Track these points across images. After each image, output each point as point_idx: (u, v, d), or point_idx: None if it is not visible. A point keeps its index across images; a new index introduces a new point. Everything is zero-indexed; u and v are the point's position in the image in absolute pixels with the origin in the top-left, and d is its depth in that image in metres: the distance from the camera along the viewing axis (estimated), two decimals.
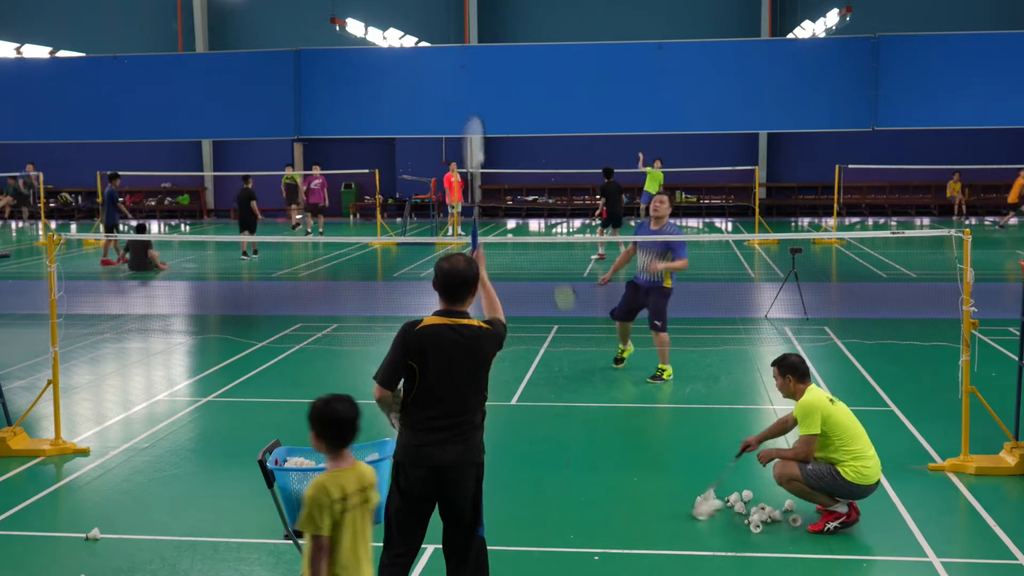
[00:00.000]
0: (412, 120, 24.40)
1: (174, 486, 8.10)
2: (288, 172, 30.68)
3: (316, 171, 28.32)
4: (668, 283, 11.06)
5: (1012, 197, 27.88)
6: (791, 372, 7.18)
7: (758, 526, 6.97)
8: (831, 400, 7.12)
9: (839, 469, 6.92)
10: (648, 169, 26.67)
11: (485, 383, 5.23)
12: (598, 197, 24.81)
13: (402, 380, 5.13)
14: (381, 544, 5.19)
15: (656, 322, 11.01)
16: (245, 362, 12.43)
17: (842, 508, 6.97)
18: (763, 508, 7.14)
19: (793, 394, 7.19)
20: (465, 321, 5.15)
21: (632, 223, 29.48)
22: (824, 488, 6.93)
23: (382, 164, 33.43)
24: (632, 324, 11.61)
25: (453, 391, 5.09)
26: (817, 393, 7.12)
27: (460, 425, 5.11)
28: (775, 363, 7.32)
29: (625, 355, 11.84)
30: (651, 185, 26.80)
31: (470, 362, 5.11)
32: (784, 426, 7.45)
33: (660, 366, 11.22)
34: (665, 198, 11.00)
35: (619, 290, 11.77)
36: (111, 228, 22.65)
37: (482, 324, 5.19)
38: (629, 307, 11.34)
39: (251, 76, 24.16)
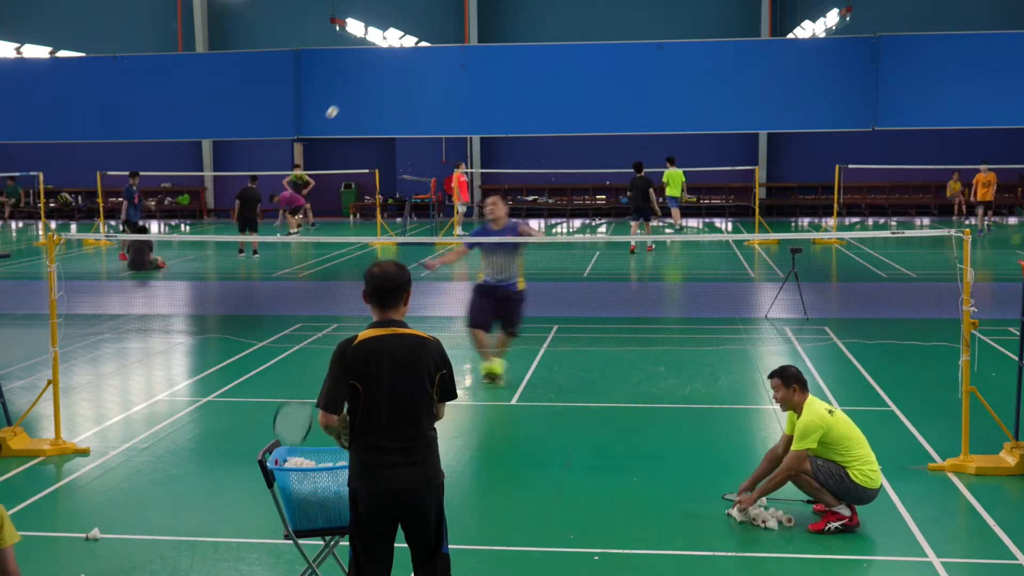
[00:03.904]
0: (412, 120, 24.38)
1: (174, 486, 8.10)
2: (296, 172, 30.71)
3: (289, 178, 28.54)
4: (522, 285, 10.88)
5: (986, 195, 27.73)
6: (796, 382, 7.12)
7: (742, 520, 6.99)
8: (830, 411, 7.10)
9: (848, 472, 6.94)
10: (666, 171, 26.69)
11: (433, 399, 4.92)
12: (628, 193, 24.91)
13: (345, 403, 4.91)
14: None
15: (515, 329, 10.86)
16: (245, 362, 12.43)
17: (845, 511, 6.98)
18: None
19: (795, 406, 7.12)
20: (403, 331, 4.91)
21: (660, 223, 29.41)
22: (832, 487, 6.93)
23: (382, 164, 33.41)
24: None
25: (401, 408, 4.84)
26: (817, 409, 7.06)
27: (414, 446, 4.85)
28: (777, 375, 7.19)
29: (498, 370, 10.94)
30: (673, 188, 26.77)
31: (413, 374, 4.84)
32: (773, 460, 7.26)
33: (497, 365, 10.95)
34: (497, 199, 10.92)
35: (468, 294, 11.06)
36: (129, 224, 22.89)
37: (423, 335, 4.94)
38: (488, 314, 10.77)
39: (251, 76, 24.14)
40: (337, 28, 27.97)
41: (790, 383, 7.13)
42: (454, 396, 5.07)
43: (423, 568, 5.03)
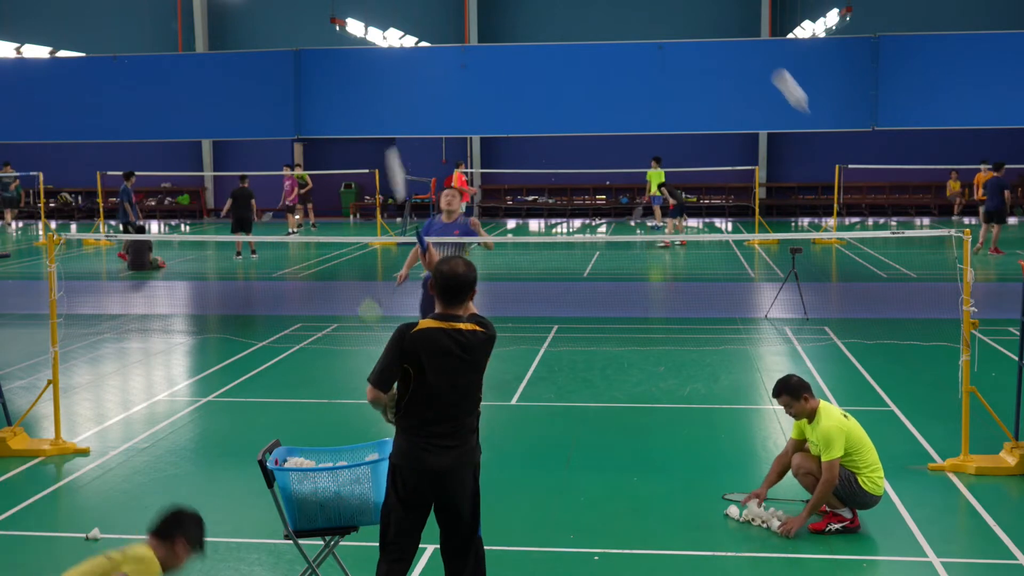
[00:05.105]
0: (412, 120, 24.41)
1: (174, 486, 8.10)
2: (298, 171, 30.72)
3: (286, 172, 28.56)
4: None
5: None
6: (804, 391, 7.00)
7: (743, 518, 7.03)
8: (845, 415, 7.08)
9: (858, 478, 6.94)
10: (649, 171, 26.79)
11: (480, 387, 5.23)
12: (661, 190, 24.95)
13: (395, 383, 5.12)
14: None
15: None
16: (245, 362, 12.42)
17: (847, 513, 6.98)
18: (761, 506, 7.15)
19: (810, 414, 7.02)
20: (462, 326, 5.13)
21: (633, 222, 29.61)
22: (840, 490, 6.91)
23: (382, 164, 33.33)
24: None
25: (449, 396, 5.06)
26: (835, 414, 7.03)
27: (457, 431, 5.09)
28: (784, 392, 7.01)
29: None
30: (655, 187, 26.88)
31: (466, 368, 5.09)
32: (783, 465, 7.27)
33: None
34: (456, 193, 10.80)
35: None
36: (131, 225, 22.94)
37: (477, 328, 5.14)
38: None
39: (251, 76, 24.17)
40: (337, 28, 27.98)
41: (799, 394, 7.00)
42: None
43: (456, 554, 5.20)
